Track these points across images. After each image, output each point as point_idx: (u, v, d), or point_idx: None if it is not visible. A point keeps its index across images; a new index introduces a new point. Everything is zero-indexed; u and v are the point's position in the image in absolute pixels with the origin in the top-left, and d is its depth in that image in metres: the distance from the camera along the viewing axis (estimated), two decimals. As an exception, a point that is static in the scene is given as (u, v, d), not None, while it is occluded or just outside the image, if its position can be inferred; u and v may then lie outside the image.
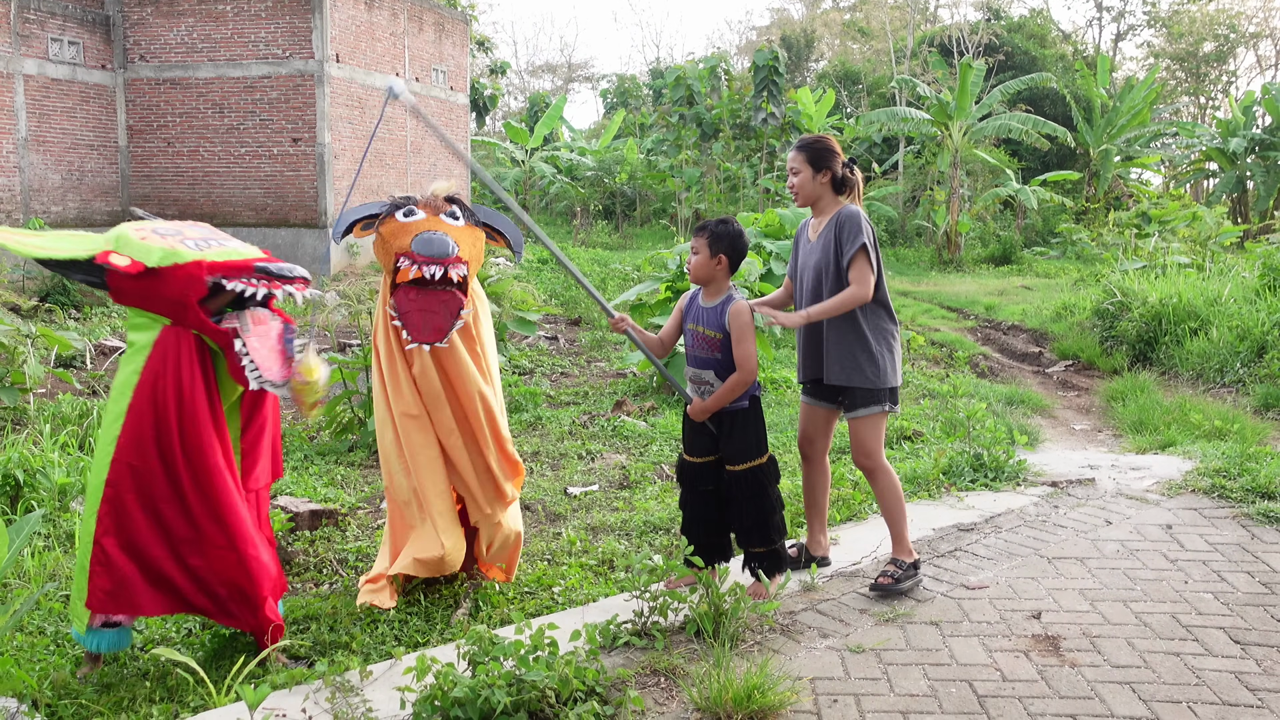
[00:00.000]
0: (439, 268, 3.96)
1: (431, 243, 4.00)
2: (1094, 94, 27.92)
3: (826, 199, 4.31)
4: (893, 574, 4.23)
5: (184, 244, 3.44)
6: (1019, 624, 3.93)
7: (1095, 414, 8.72)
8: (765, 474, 4.17)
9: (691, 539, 4.18)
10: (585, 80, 56.51)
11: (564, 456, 6.97)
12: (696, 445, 4.26)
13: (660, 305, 9.78)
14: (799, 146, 4.31)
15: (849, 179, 4.31)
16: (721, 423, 4.17)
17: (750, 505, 4.14)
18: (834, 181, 4.29)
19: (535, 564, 4.85)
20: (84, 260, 3.35)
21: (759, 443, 4.18)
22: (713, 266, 4.13)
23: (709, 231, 4.14)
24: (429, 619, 4.21)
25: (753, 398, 4.18)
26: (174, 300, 3.40)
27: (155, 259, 3.35)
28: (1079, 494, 5.65)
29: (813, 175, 4.28)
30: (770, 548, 4.18)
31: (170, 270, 3.35)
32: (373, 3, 19.86)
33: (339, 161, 18.89)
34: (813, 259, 4.30)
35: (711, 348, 4.14)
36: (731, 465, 4.16)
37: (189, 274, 3.37)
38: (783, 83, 27.52)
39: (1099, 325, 11.95)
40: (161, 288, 3.38)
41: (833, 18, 49.88)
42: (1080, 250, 23.43)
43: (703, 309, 4.19)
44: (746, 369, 4.06)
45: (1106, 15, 44.68)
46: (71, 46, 18.04)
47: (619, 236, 28.94)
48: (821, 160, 4.27)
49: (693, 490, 4.28)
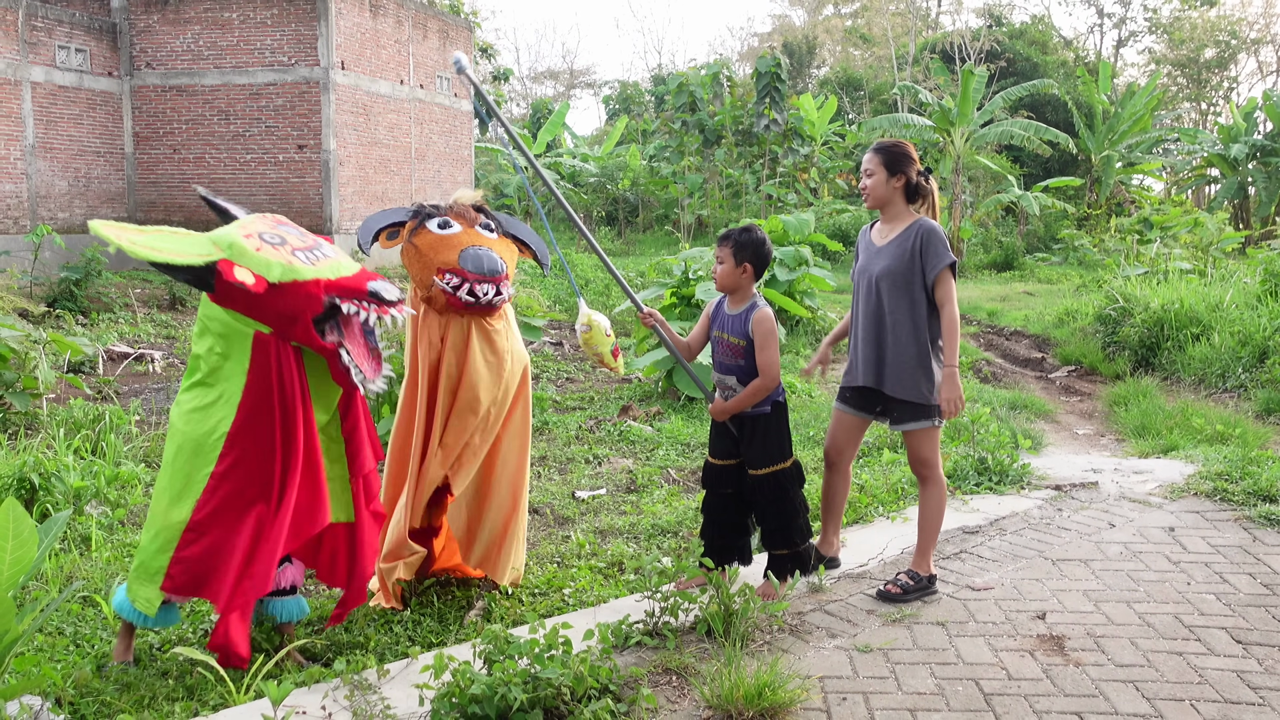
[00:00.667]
0: (492, 286, 3.91)
1: (482, 259, 3.92)
2: (1095, 100, 28.01)
3: (898, 205, 4.27)
4: (904, 584, 4.23)
5: (296, 256, 3.41)
6: (1024, 624, 3.99)
7: (1098, 419, 8.78)
8: (788, 477, 4.24)
9: (707, 541, 4.26)
10: (587, 87, 56.74)
11: (571, 461, 7.04)
12: (719, 447, 4.35)
13: (665, 311, 9.86)
14: (876, 149, 4.27)
15: (923, 188, 4.25)
16: (743, 426, 4.25)
17: (773, 509, 4.23)
18: (907, 188, 4.24)
19: (545, 566, 4.91)
20: (200, 266, 3.31)
21: (782, 447, 4.25)
22: (738, 275, 4.21)
23: (733, 240, 4.21)
24: (442, 620, 4.27)
25: (776, 403, 4.25)
26: (287, 316, 3.37)
27: (276, 275, 3.32)
28: (1082, 497, 5.71)
29: (887, 178, 4.23)
30: (794, 550, 4.26)
31: (290, 287, 3.31)
32: (378, 10, 19.97)
33: (344, 168, 19.00)
34: (879, 264, 4.23)
35: (736, 354, 4.22)
36: (754, 469, 4.23)
37: (308, 293, 3.34)
38: (785, 89, 27.63)
39: (1101, 331, 12.01)
40: (278, 303, 3.34)
41: (834, 24, 50.05)
42: (1082, 256, 23.50)
43: (728, 316, 4.27)
44: (769, 375, 4.14)
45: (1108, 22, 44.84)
46: (79, 54, 18.15)
47: (622, 243, 29.04)
48: (897, 164, 4.22)
49: (714, 493, 4.36)
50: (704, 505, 4.45)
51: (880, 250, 4.25)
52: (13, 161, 16.92)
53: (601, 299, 16.25)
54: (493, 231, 4.14)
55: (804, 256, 12.32)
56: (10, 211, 16.92)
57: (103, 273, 14.76)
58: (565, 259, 4.43)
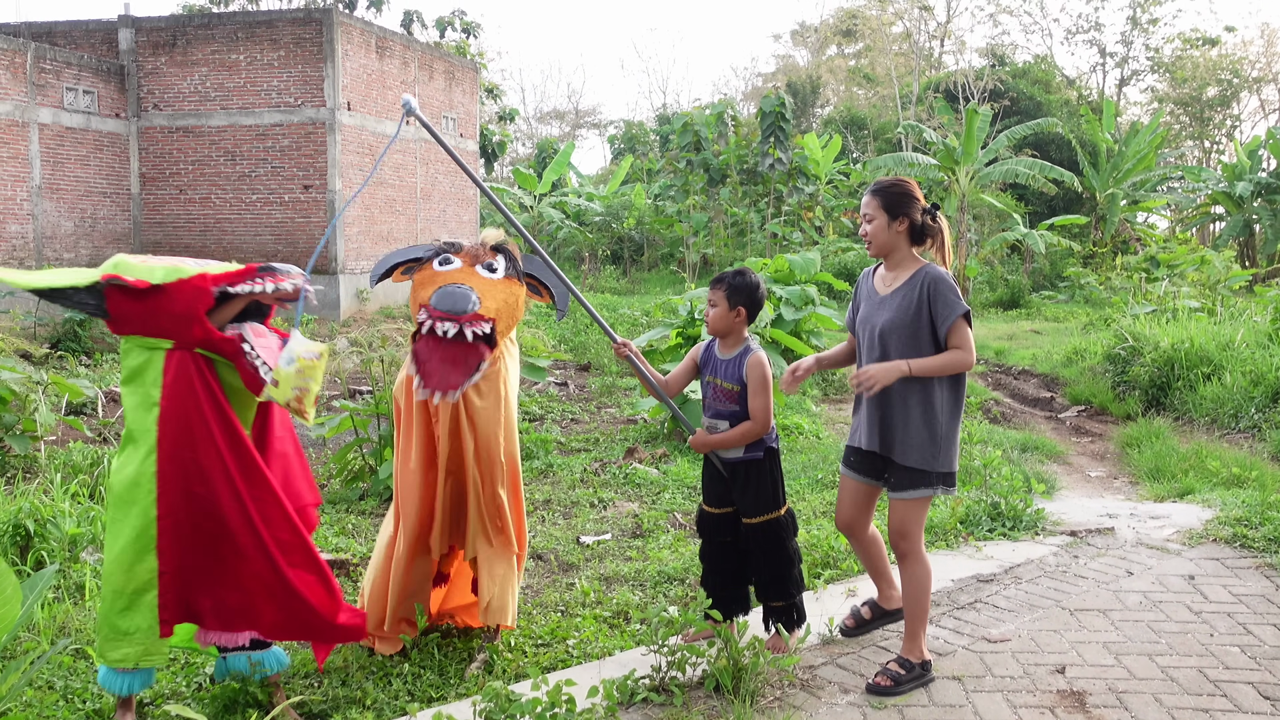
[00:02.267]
0: (453, 325, 3.81)
1: (449, 297, 3.84)
2: (1099, 139, 28.07)
3: (902, 250, 3.88)
4: (895, 674, 3.80)
5: (184, 263, 3.46)
6: (1043, 679, 3.86)
7: (1110, 460, 8.65)
8: (782, 527, 4.12)
9: (710, 591, 4.13)
10: (593, 127, 57.04)
11: (576, 505, 6.93)
12: (713, 494, 4.23)
13: (671, 352, 9.77)
14: (874, 190, 3.90)
15: (929, 228, 3.88)
16: (735, 473, 4.13)
17: (767, 559, 4.09)
18: (911, 230, 3.87)
19: (549, 615, 4.79)
20: (84, 286, 3.33)
21: (775, 495, 4.13)
22: (731, 319, 4.10)
23: (726, 283, 4.09)
24: (443, 673, 4.15)
25: (769, 449, 4.14)
26: (181, 315, 3.36)
27: (159, 276, 3.34)
28: (1099, 543, 5.58)
29: (888, 223, 3.85)
30: (789, 602, 4.13)
31: (175, 286, 3.33)
32: (384, 51, 20.09)
33: (349, 208, 19.02)
34: (882, 317, 3.86)
35: (729, 399, 4.11)
36: (747, 518, 4.12)
37: (195, 286, 3.35)
38: (790, 128, 27.72)
39: (1110, 370, 11.90)
40: (168, 304, 3.34)
41: (838, 64, 50.36)
42: (1089, 294, 23.44)
43: (720, 361, 4.16)
44: (760, 421, 4.04)
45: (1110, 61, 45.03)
46: (86, 95, 18.25)
47: (627, 281, 29.04)
48: (898, 206, 3.84)
49: (711, 541, 4.24)
50: (702, 554, 4.33)
51: (883, 301, 3.89)
52: (19, 202, 16.95)
53: (606, 338, 16.18)
54: (495, 272, 4.04)
55: (810, 296, 12.23)
56: (16, 252, 16.93)
57: (107, 313, 14.72)
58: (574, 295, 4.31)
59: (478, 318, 3.83)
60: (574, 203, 31.37)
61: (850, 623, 4.21)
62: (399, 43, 20.75)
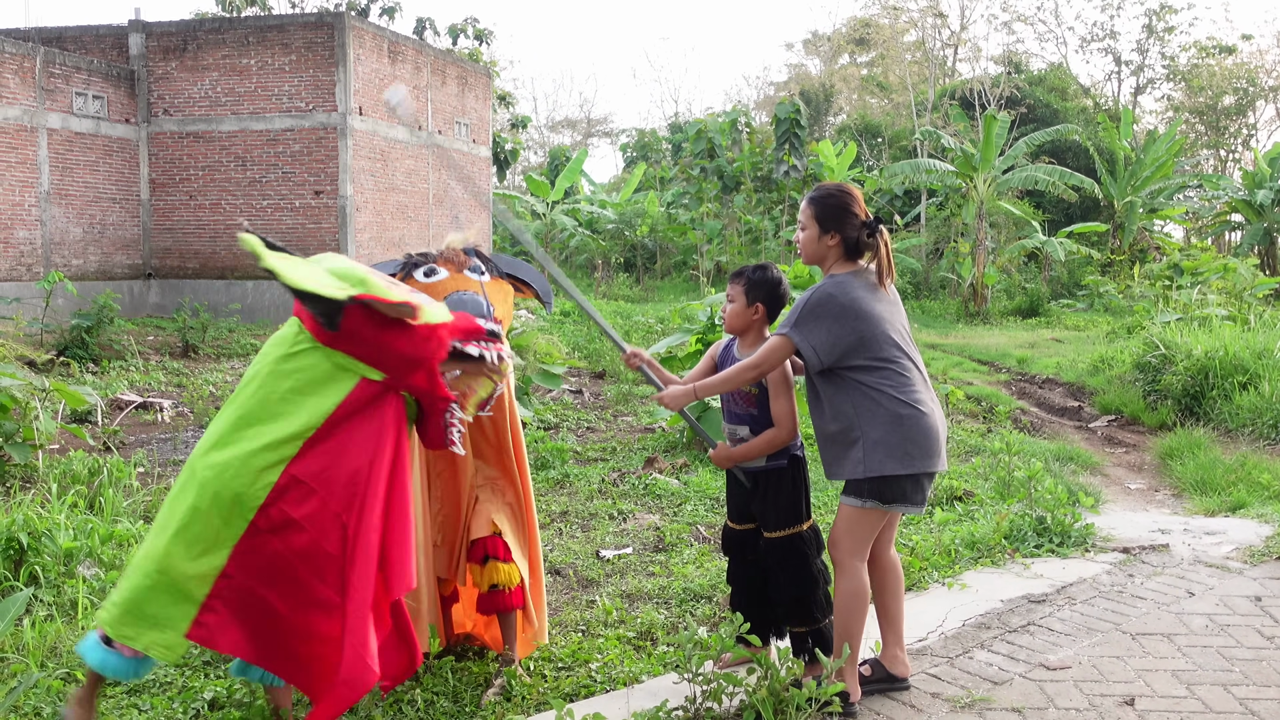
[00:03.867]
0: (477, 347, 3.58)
1: (465, 304, 3.66)
2: (1117, 146, 27.75)
3: (831, 262, 3.60)
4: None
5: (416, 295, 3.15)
6: (1110, 711, 3.55)
7: (1149, 472, 8.33)
8: (805, 542, 3.78)
9: (740, 613, 3.81)
10: (605, 135, 56.87)
11: (594, 517, 6.64)
12: (736, 510, 3.93)
13: (690, 359, 9.49)
14: (810, 198, 3.63)
15: (865, 244, 3.56)
16: (757, 483, 3.82)
17: (790, 576, 3.75)
18: (845, 245, 3.57)
19: (569, 636, 4.50)
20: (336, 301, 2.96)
21: (799, 507, 3.80)
22: (749, 315, 3.79)
23: (745, 278, 3.79)
24: (457, 700, 3.86)
25: (793, 457, 3.82)
26: (413, 359, 3.07)
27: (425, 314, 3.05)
28: (1154, 561, 5.26)
29: (819, 234, 3.58)
30: (815, 626, 3.77)
31: (424, 328, 3.03)
32: (396, 56, 19.88)
33: (361, 214, 18.80)
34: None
35: (748, 403, 3.80)
36: (769, 531, 3.79)
37: (439, 337, 3.08)
38: (804, 135, 27.46)
39: (1141, 379, 11.58)
40: (406, 344, 3.03)
41: (851, 72, 50.09)
42: (1108, 302, 23.10)
43: (739, 361, 3.87)
44: (785, 426, 3.72)
45: (1125, 69, 44.66)
46: (96, 100, 18.07)
47: (640, 289, 28.78)
48: (831, 219, 3.55)
49: (737, 560, 3.94)
50: (729, 575, 4.03)
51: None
52: (27, 208, 16.76)
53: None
54: (483, 274, 3.89)
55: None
56: (24, 258, 16.74)
57: (115, 319, 14.52)
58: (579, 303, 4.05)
59: (494, 320, 3.69)
60: (587, 210, 31.17)
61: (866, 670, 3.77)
62: (411, 47, 20.54)
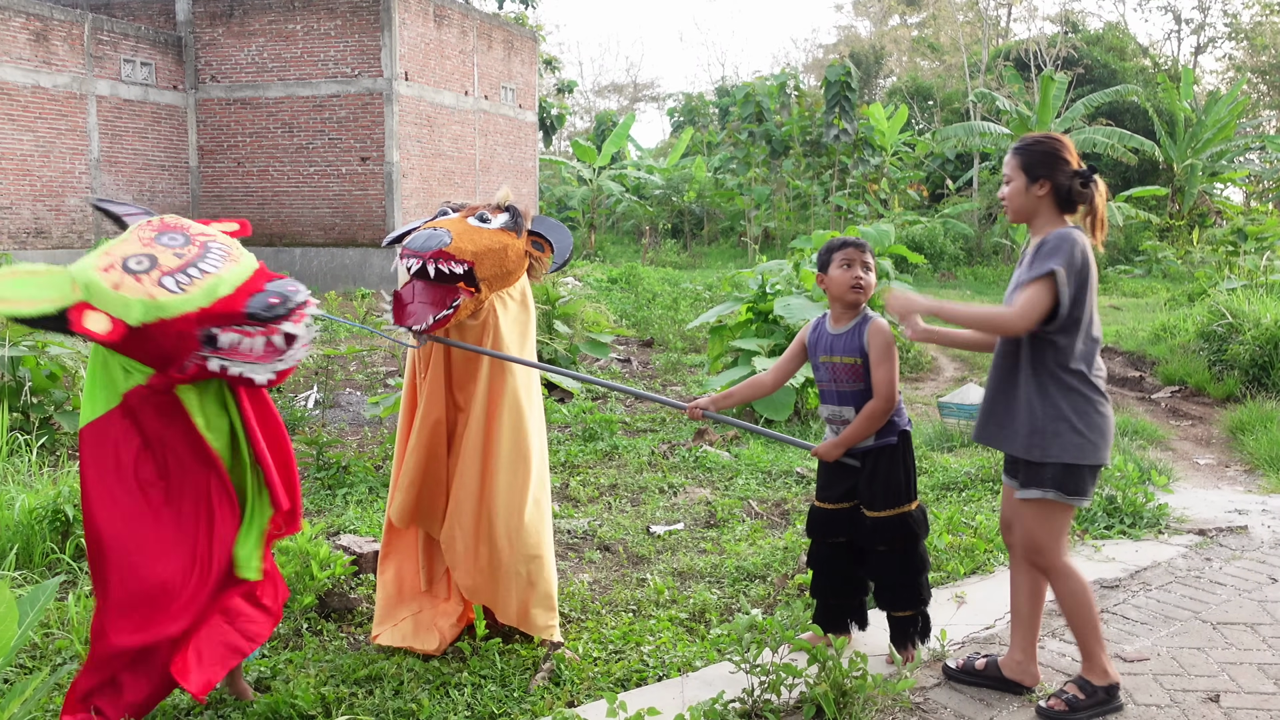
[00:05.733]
0: (416, 260, 3.67)
1: (419, 237, 3.72)
2: (1177, 108, 26.93)
3: (1044, 216, 3.34)
4: (1071, 699, 3.28)
5: (162, 286, 2.90)
6: (1195, 708, 3.35)
7: (1217, 446, 8.02)
8: (916, 522, 3.62)
9: (821, 600, 3.64)
10: (651, 100, 56.43)
11: (644, 490, 6.49)
12: (836, 489, 3.70)
13: (740, 327, 9.30)
14: (1015, 148, 3.40)
15: (1079, 193, 3.31)
16: (864, 461, 3.64)
17: (897, 559, 3.59)
18: (1057, 195, 3.32)
19: (620, 616, 4.36)
20: (54, 315, 2.82)
21: (909, 485, 3.63)
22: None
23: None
24: (505, 684, 3.74)
25: (902, 432, 3.64)
26: (161, 358, 2.94)
27: (136, 316, 2.84)
28: (1232, 544, 5.01)
29: (1026, 185, 3.34)
30: (920, 610, 3.65)
31: (155, 327, 2.85)
32: (442, 20, 19.69)
33: (407, 180, 18.71)
34: (1016, 278, 3.37)
35: (854, 377, 3.60)
36: (873, 511, 3.61)
37: (178, 331, 2.86)
38: (855, 98, 26.93)
39: (1206, 348, 11.18)
40: (148, 345, 2.90)
41: (901, 34, 49.16)
42: (1166, 268, 22.48)
43: (834, 336, 3.66)
44: (884, 395, 3.53)
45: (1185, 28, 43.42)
46: (144, 68, 18.08)
47: (688, 255, 28.50)
48: (1039, 167, 3.31)
49: (823, 543, 3.75)
50: (813, 558, 3.82)
51: (1019, 273, 3.39)
52: (78, 175, 16.85)
53: (669, 313, 15.71)
54: (487, 222, 3.86)
55: (884, 269, 11.69)
56: (75, 225, 16.85)
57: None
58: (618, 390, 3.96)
59: (445, 255, 3.63)
60: (633, 176, 30.89)
61: (959, 664, 3.58)
62: (457, 11, 20.34)
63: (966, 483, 6.27)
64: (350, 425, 8.76)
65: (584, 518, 5.90)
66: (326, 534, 5.38)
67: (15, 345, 7.12)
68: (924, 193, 31.11)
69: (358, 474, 6.73)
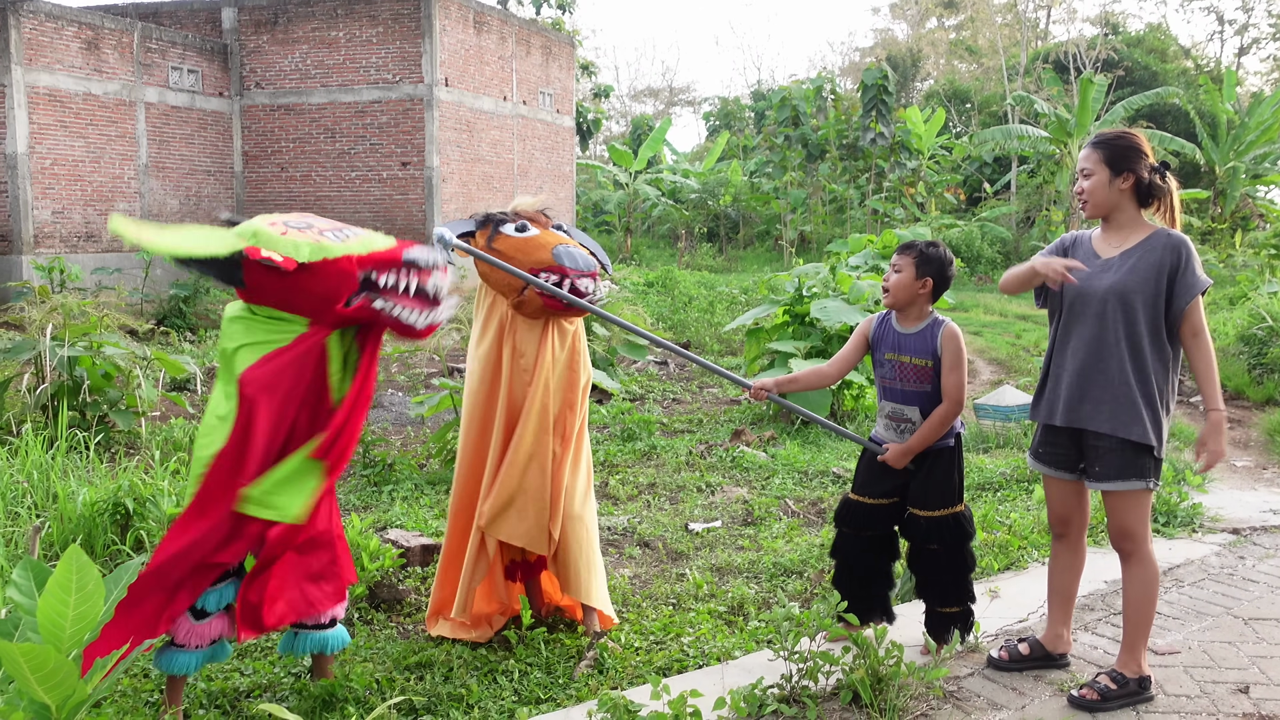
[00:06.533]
0: (591, 280, 3.86)
1: (577, 256, 3.82)
2: (1219, 110, 26.66)
3: (1127, 211, 3.46)
4: (1104, 689, 3.38)
5: (324, 236, 3.19)
6: (1224, 699, 3.42)
7: (1255, 449, 8.02)
8: (966, 521, 3.74)
9: (845, 592, 3.75)
10: (687, 104, 56.48)
11: (682, 489, 6.62)
12: (881, 485, 3.79)
13: (777, 329, 9.40)
14: (1094, 143, 3.49)
15: (1157, 187, 3.45)
16: (921, 462, 3.74)
17: (949, 558, 3.71)
18: (1138, 189, 3.44)
19: (660, 609, 4.49)
20: (225, 258, 3.08)
21: (960, 487, 3.75)
22: (916, 289, 3.68)
23: (918, 251, 3.69)
24: (550, 671, 3.88)
25: (957, 435, 3.76)
26: (322, 297, 3.14)
27: (305, 254, 3.09)
28: (1266, 543, 5.06)
29: (1110, 178, 3.43)
30: (965, 606, 3.77)
31: (321, 266, 3.09)
32: (481, 27, 19.93)
33: (447, 184, 18.95)
34: (1108, 279, 3.41)
35: (921, 379, 3.69)
36: (927, 510, 3.71)
37: (341, 269, 3.11)
38: (891, 101, 26.90)
39: (1245, 351, 11.15)
40: (312, 284, 3.11)
41: (939, 37, 48.95)
42: (1209, 272, 22.27)
43: (904, 335, 3.74)
44: (955, 400, 3.64)
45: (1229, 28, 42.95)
46: (191, 75, 18.45)
47: (723, 259, 28.59)
48: (1123, 160, 3.41)
49: (856, 536, 3.85)
50: (839, 549, 3.92)
51: (1110, 264, 3.44)
52: (127, 180, 17.22)
53: (706, 315, 15.82)
54: (564, 231, 4.04)
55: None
56: (124, 230, 17.23)
57: (211, 290, 14.89)
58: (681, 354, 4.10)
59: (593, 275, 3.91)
60: (669, 180, 31.00)
61: (1004, 655, 3.71)
62: (496, 18, 20.58)
63: (1001, 483, 6.34)
64: (394, 425, 8.95)
65: (624, 515, 6.03)
66: (375, 528, 5.54)
67: (73, 345, 7.37)
68: (961, 196, 30.99)
69: (403, 471, 6.91)
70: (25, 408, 7.22)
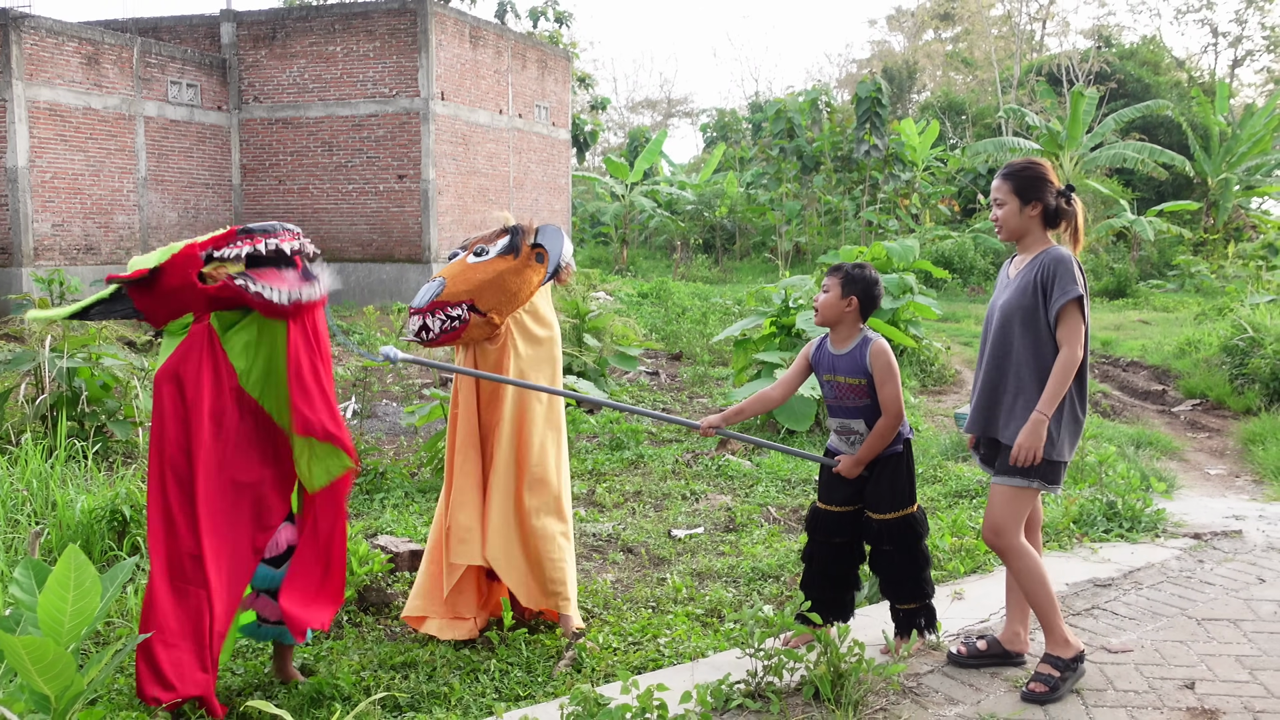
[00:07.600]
0: (418, 318, 4.13)
1: (418, 294, 4.17)
2: (1212, 121, 26.90)
3: (1034, 234, 3.72)
4: (1047, 677, 3.56)
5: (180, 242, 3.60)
6: (1171, 694, 3.58)
7: (1230, 457, 8.19)
8: (918, 522, 3.93)
9: (812, 594, 3.92)
10: (684, 115, 56.77)
11: (667, 497, 6.78)
12: (840, 493, 4.00)
13: (765, 340, 9.57)
14: (1004, 173, 3.76)
15: (1064, 211, 3.71)
16: (872, 469, 3.95)
17: (903, 556, 3.90)
18: (1045, 215, 3.71)
19: (640, 611, 4.65)
20: (108, 296, 3.51)
21: (911, 489, 3.95)
22: (842, 308, 3.92)
23: (844, 273, 3.94)
24: (530, 670, 4.04)
25: (905, 440, 3.96)
26: (182, 285, 3.48)
27: (154, 259, 3.48)
28: (1225, 547, 5.23)
29: (1020, 207, 3.70)
30: (924, 603, 3.95)
31: (170, 262, 3.46)
32: (477, 41, 20.15)
33: (443, 197, 19.14)
34: (1004, 297, 3.73)
35: (858, 395, 3.91)
36: (879, 514, 3.91)
37: (185, 255, 3.48)
38: (886, 114, 27.13)
39: (1228, 362, 11.31)
40: (170, 279, 3.48)
41: (935, 49, 49.28)
42: (1199, 283, 22.48)
43: (835, 356, 3.96)
44: (893, 412, 3.85)
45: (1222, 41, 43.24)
46: (189, 89, 18.66)
47: (719, 270, 28.76)
48: (1031, 190, 3.69)
49: (825, 542, 4.03)
50: (809, 554, 4.09)
51: (1010, 282, 3.77)
52: (126, 194, 17.41)
53: (699, 327, 15.99)
54: (483, 255, 4.21)
55: (908, 284, 11.89)
56: (124, 242, 17.40)
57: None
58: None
59: (440, 304, 4.08)
60: (666, 191, 31.20)
61: (962, 650, 3.88)
62: (492, 32, 20.80)
63: (978, 490, 6.51)
64: (387, 434, 9.11)
65: (608, 522, 6.19)
66: (365, 535, 5.70)
67: (72, 357, 7.54)
68: (955, 208, 31.21)
69: (394, 480, 7.07)
70: (25, 418, 7.38)
